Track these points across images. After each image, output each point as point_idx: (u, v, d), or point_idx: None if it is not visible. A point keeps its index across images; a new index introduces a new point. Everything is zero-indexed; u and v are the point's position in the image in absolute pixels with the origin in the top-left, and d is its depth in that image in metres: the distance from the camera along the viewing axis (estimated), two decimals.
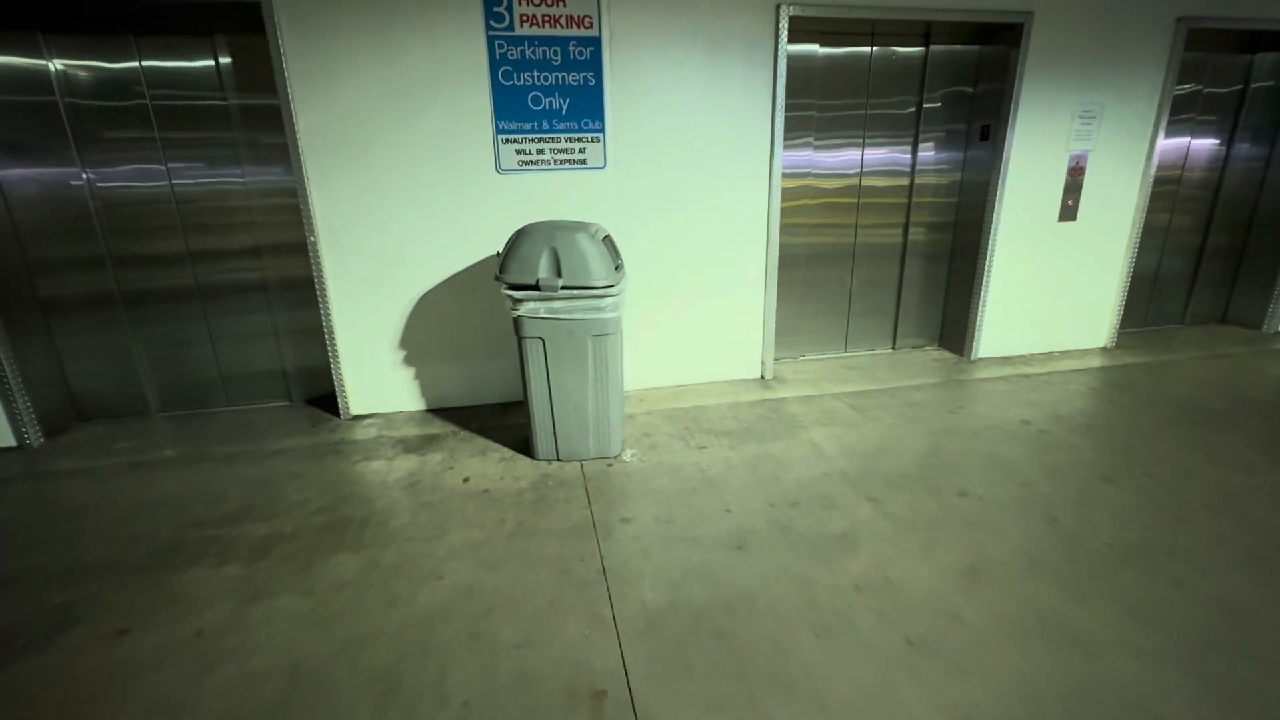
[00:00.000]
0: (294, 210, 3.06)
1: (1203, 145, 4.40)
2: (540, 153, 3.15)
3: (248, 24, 2.81)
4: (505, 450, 2.95)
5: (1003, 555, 2.10)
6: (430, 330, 3.34)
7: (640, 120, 3.23)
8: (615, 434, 2.82)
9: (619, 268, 2.65)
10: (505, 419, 3.31)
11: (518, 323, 2.58)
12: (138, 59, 2.98)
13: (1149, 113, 3.85)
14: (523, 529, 2.31)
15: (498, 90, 3.04)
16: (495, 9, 2.92)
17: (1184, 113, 4.21)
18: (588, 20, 3.01)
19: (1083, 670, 1.63)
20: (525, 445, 2.93)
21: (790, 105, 3.48)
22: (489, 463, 2.83)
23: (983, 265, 3.92)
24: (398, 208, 3.12)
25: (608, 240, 2.70)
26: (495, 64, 3.00)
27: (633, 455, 2.86)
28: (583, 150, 3.19)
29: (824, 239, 4.01)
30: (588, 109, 3.13)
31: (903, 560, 2.08)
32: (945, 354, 4.27)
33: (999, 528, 2.26)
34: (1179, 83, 3.89)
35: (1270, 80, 4.27)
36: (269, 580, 2.05)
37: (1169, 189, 4.40)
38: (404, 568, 2.09)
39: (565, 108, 3.11)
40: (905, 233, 4.10)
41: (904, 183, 4.00)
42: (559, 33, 3.00)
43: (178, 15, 2.94)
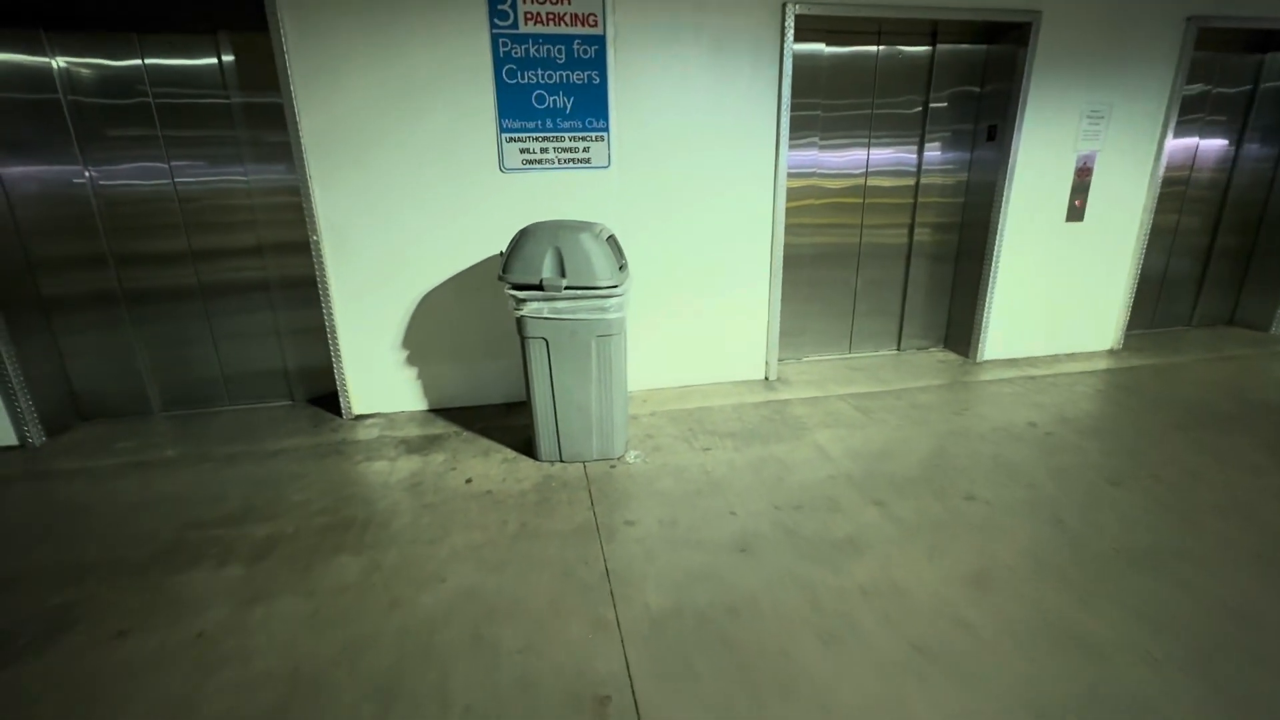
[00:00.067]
0: (296, 209, 3.05)
1: (1211, 145, 4.37)
2: (544, 152, 3.13)
3: (251, 22, 2.80)
4: (508, 451, 2.93)
5: (1010, 559, 2.07)
6: (433, 330, 3.32)
7: (644, 119, 3.21)
8: (619, 435, 2.80)
9: (623, 268, 2.63)
10: (508, 419, 3.29)
11: (521, 323, 2.56)
12: (140, 57, 2.97)
13: (1158, 113, 3.82)
14: (525, 531, 2.29)
15: (501, 89, 3.02)
16: (499, 7, 2.90)
17: (1193, 113, 4.18)
18: (592, 18, 2.99)
19: (1091, 676, 1.61)
20: (528, 446, 2.91)
21: (795, 104, 3.46)
22: (491, 464, 2.81)
23: (989, 266, 3.89)
24: (401, 207, 3.11)
25: (612, 240, 2.68)
26: (499, 62, 2.98)
27: (636, 457, 2.84)
28: (587, 149, 3.17)
29: (829, 239, 3.98)
30: (592, 108, 3.11)
31: (909, 564, 2.05)
32: (950, 355, 4.25)
33: (1006, 531, 2.24)
34: (1188, 83, 3.86)
35: None
36: (270, 581, 2.04)
37: (1177, 189, 4.36)
38: (406, 570, 2.07)
39: (569, 106, 3.09)
40: (911, 233, 4.07)
41: (910, 183, 3.97)
42: (563, 31, 2.98)
43: (181, 13, 2.92)
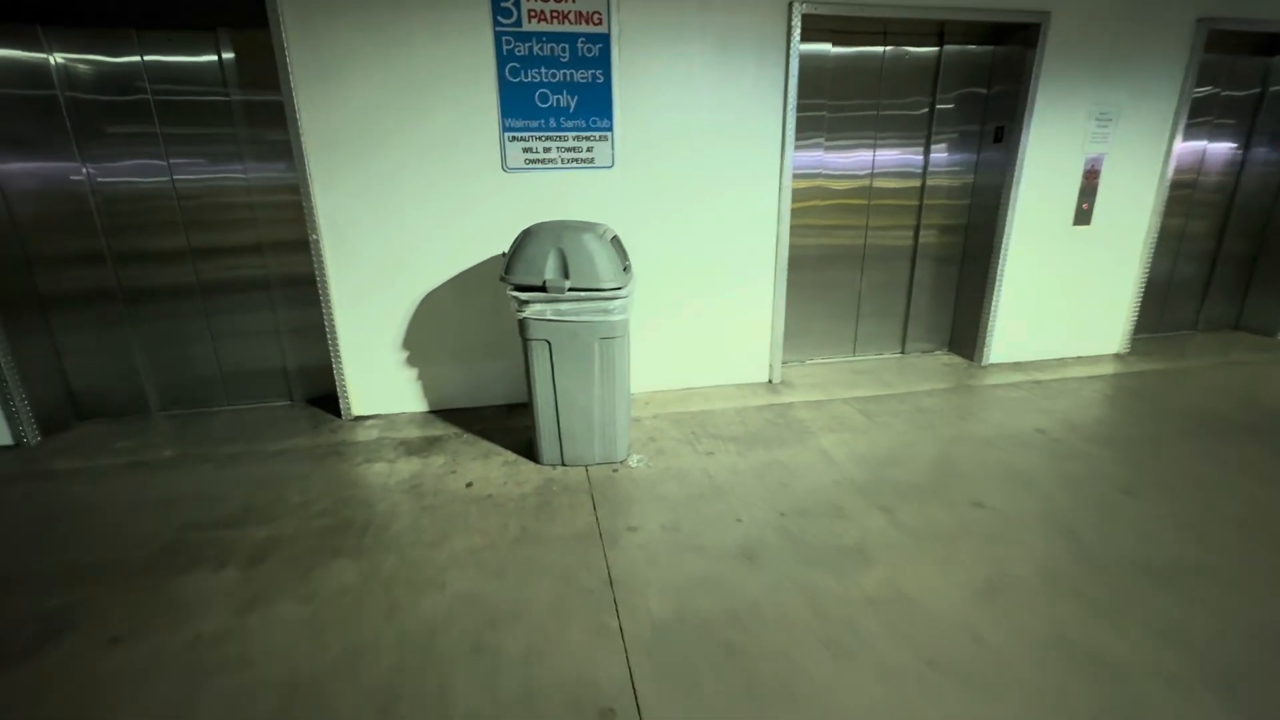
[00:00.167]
0: (296, 207, 3.02)
1: (1219, 149, 4.33)
2: (547, 151, 3.10)
3: (251, 19, 2.76)
4: (509, 454, 2.89)
5: (1021, 570, 2.04)
6: (434, 330, 3.29)
7: (649, 118, 3.17)
8: (621, 439, 2.76)
9: (627, 269, 2.60)
10: (509, 421, 3.25)
11: (523, 325, 2.52)
12: (140, 53, 2.94)
13: (1167, 115, 3.78)
14: (526, 535, 2.25)
15: (505, 87, 2.98)
16: (503, 4, 2.87)
17: (1201, 116, 4.14)
18: (597, 16, 2.96)
19: (1109, 694, 1.57)
20: (529, 449, 2.88)
21: (801, 105, 3.42)
22: (492, 466, 2.78)
23: (995, 269, 3.85)
24: (402, 206, 3.07)
25: (615, 241, 2.64)
26: (502, 60, 2.95)
27: (639, 461, 2.81)
28: (590, 149, 3.14)
29: (834, 240, 3.95)
30: (596, 107, 3.08)
31: (918, 574, 2.02)
32: (955, 359, 4.21)
33: (1016, 541, 2.20)
34: (1196, 85, 3.82)
35: None
36: (268, 586, 2.01)
37: (1184, 193, 4.33)
38: (405, 575, 2.04)
39: (573, 105, 3.06)
40: (916, 235, 4.04)
41: (916, 184, 3.94)
42: (567, 29, 2.94)
43: (181, 9, 2.89)
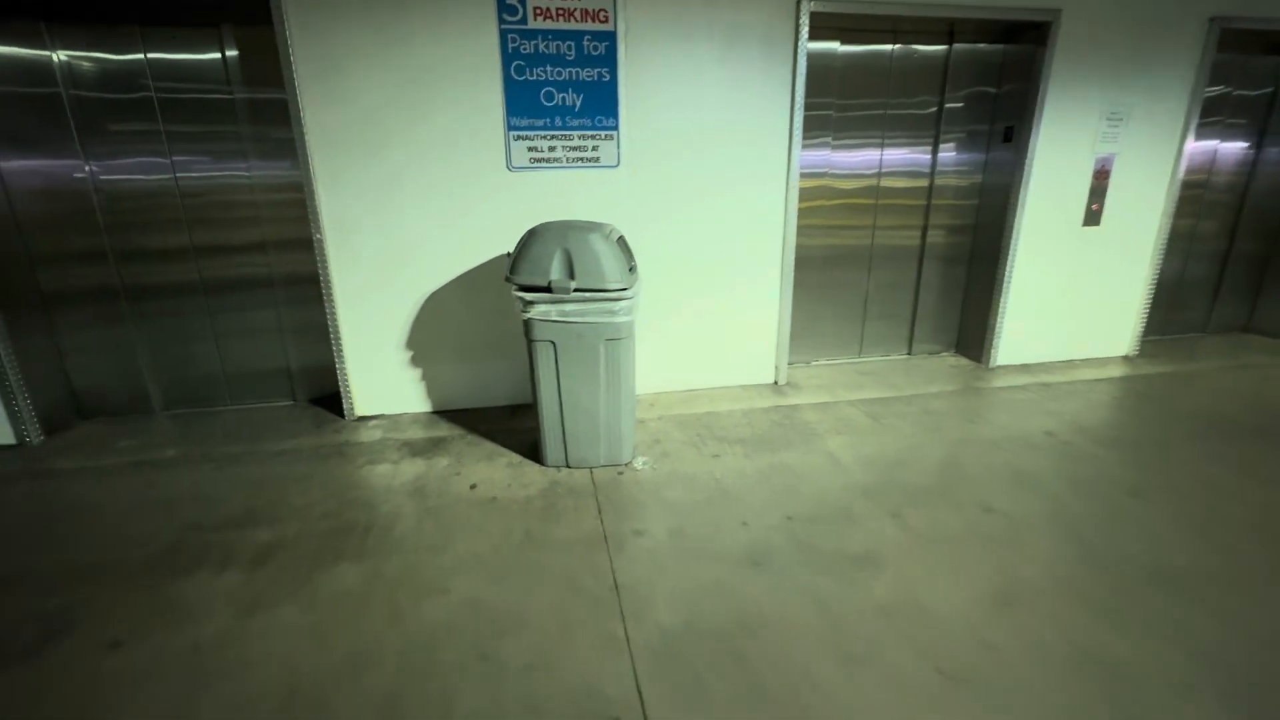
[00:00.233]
0: (300, 205, 2.99)
1: (1231, 149, 4.29)
2: (552, 150, 3.07)
3: (255, 16, 2.74)
4: (513, 455, 2.87)
5: (1034, 577, 2.01)
6: (437, 330, 3.26)
7: (655, 117, 3.14)
8: (626, 441, 2.74)
9: (633, 269, 2.57)
10: (513, 422, 3.23)
11: (528, 325, 2.50)
12: (143, 51, 2.91)
13: (1178, 115, 3.74)
14: (531, 540, 2.23)
15: (510, 85, 2.95)
16: (508, 1, 2.84)
17: (1212, 115, 4.09)
18: (603, 14, 2.92)
19: (1125, 706, 1.54)
20: (534, 450, 2.85)
21: (808, 103, 3.38)
22: (496, 468, 2.75)
23: (1003, 270, 3.82)
24: (406, 205, 3.05)
25: (621, 241, 2.61)
26: (508, 58, 2.92)
27: (644, 463, 2.78)
28: (596, 148, 3.11)
29: (840, 240, 3.91)
30: (602, 105, 3.05)
31: (928, 580, 1.99)
32: (962, 360, 4.17)
33: (1027, 547, 2.17)
34: (1208, 84, 3.77)
35: None
36: (269, 589, 1.98)
37: (1194, 193, 4.28)
38: (408, 580, 2.02)
39: (579, 104, 3.03)
40: (924, 235, 4.00)
41: (923, 184, 3.90)
42: (573, 26, 2.91)
43: (184, 6, 2.87)
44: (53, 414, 3.14)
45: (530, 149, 3.06)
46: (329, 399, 3.47)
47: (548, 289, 2.41)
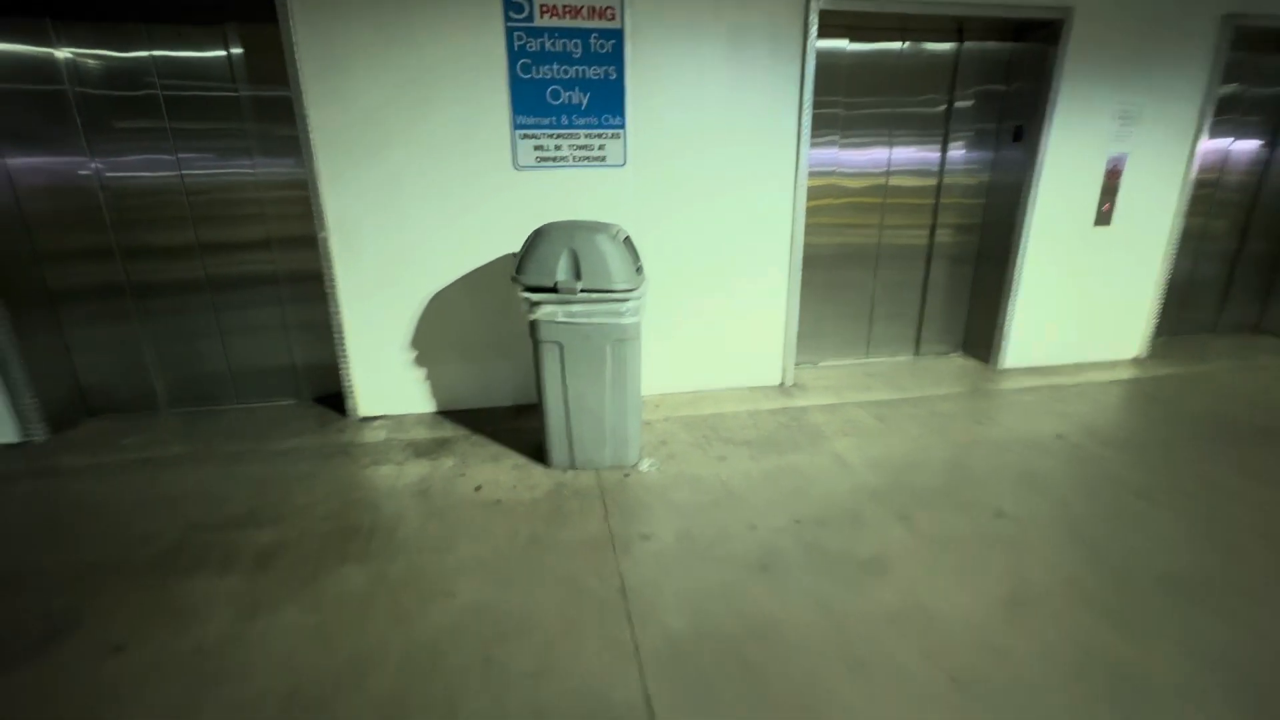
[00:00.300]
0: (305, 203, 2.98)
1: (1243, 147, 4.24)
2: (558, 149, 3.05)
3: (260, 14, 2.72)
4: (518, 456, 2.85)
5: (1045, 583, 1.98)
6: (442, 330, 3.24)
7: (662, 116, 3.11)
8: (633, 443, 2.72)
9: (639, 270, 2.55)
10: (518, 422, 3.21)
11: (534, 326, 2.48)
12: (148, 48, 2.90)
13: (1191, 114, 3.69)
14: (537, 542, 2.21)
15: (516, 84, 2.93)
16: None
17: (1224, 114, 4.04)
18: (610, 11, 2.90)
19: (1134, 710, 1.51)
20: (539, 452, 2.83)
21: (816, 102, 3.34)
22: (502, 470, 2.74)
23: (1012, 270, 3.78)
24: (411, 203, 3.03)
25: (628, 242, 2.59)
26: (514, 56, 2.90)
27: (650, 465, 2.76)
28: (602, 147, 3.09)
29: (847, 239, 3.88)
30: (608, 104, 3.03)
31: (939, 586, 1.96)
32: (970, 361, 4.14)
33: (1038, 552, 2.14)
34: (1221, 83, 3.73)
35: None
36: (272, 591, 1.97)
37: (1206, 192, 4.23)
38: (413, 582, 2.00)
39: (585, 103, 3.00)
40: (931, 235, 3.97)
41: (931, 183, 3.87)
42: (580, 24, 2.89)
43: (189, 4, 2.85)
44: (59, 411, 3.14)
45: (536, 148, 3.04)
46: (333, 398, 3.45)
47: (554, 289, 2.39)
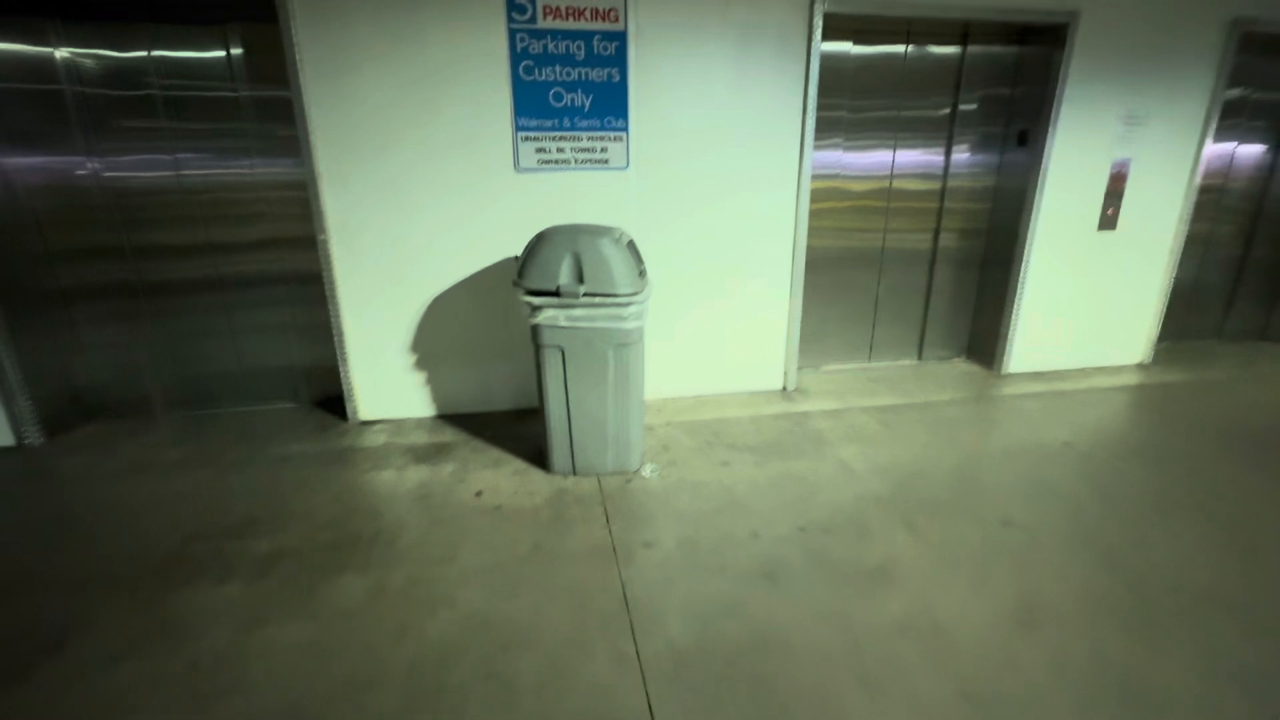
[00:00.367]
0: (304, 204, 2.95)
1: (1249, 152, 4.21)
2: (561, 151, 3.02)
3: (261, 14, 2.69)
4: (519, 461, 2.82)
5: (1058, 595, 1.95)
6: (443, 334, 3.21)
7: (665, 118, 3.09)
8: (635, 448, 2.69)
9: (642, 274, 2.52)
10: (518, 427, 3.18)
11: (536, 331, 2.44)
12: (148, 48, 2.87)
13: (1197, 118, 3.67)
14: (539, 551, 2.17)
15: (518, 86, 2.90)
16: (517, 0, 2.79)
17: (1231, 118, 4.02)
18: (613, 13, 2.87)
19: None
20: (540, 457, 2.80)
21: (820, 105, 3.32)
22: (502, 475, 2.70)
23: (1016, 274, 3.75)
24: (411, 206, 3.00)
25: (631, 245, 2.56)
26: (516, 58, 2.87)
27: (652, 471, 2.73)
28: (605, 150, 3.06)
29: (851, 243, 3.85)
30: (611, 106, 3.00)
31: (949, 598, 1.93)
32: (973, 366, 4.11)
33: (1050, 563, 2.11)
34: (1227, 87, 3.70)
35: None
36: (270, 603, 1.93)
37: (1211, 198, 4.21)
38: (414, 593, 1.96)
39: (588, 105, 2.97)
40: (935, 238, 3.94)
41: (936, 187, 3.84)
42: (583, 26, 2.86)
43: (190, 4, 2.83)
44: (54, 415, 3.10)
45: (539, 150, 3.01)
46: (333, 401, 3.42)
47: (556, 293, 2.36)
